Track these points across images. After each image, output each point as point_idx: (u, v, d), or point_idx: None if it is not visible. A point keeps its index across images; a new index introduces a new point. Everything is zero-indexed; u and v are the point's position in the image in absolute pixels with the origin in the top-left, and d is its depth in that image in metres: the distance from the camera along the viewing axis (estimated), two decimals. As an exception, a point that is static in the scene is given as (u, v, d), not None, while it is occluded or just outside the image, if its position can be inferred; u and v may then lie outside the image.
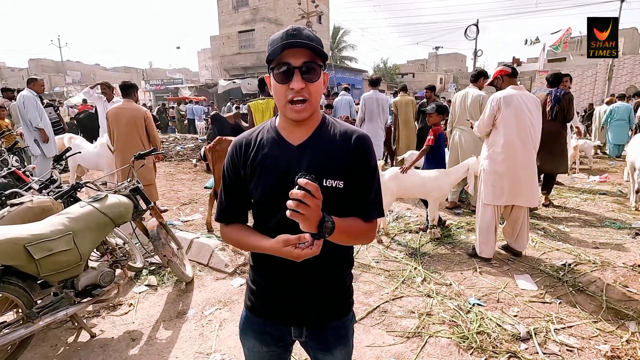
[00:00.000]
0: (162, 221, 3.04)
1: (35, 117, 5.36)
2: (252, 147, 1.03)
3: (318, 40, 0.95)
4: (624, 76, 18.81)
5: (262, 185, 1.00)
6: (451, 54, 45.56)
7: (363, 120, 6.07)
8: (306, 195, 0.79)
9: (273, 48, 0.92)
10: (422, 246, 3.75)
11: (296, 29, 0.93)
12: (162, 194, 5.51)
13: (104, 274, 2.36)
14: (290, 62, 0.92)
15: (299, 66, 0.92)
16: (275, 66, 0.94)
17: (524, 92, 3.25)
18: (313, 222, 0.83)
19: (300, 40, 0.91)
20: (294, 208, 0.79)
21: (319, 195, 0.81)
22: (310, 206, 0.79)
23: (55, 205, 2.44)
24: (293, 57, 0.92)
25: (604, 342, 2.25)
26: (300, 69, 0.92)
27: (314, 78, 0.94)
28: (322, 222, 0.85)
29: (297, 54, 0.92)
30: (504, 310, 2.61)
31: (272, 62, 0.94)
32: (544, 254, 3.51)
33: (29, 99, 5.32)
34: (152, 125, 4.43)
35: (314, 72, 0.94)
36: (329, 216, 0.87)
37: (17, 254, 1.90)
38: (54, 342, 2.38)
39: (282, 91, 0.94)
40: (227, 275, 3.21)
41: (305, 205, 0.79)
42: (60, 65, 41.95)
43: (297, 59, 0.92)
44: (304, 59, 0.92)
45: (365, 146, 1.02)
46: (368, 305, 2.69)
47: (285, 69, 0.92)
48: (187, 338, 2.41)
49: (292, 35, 0.92)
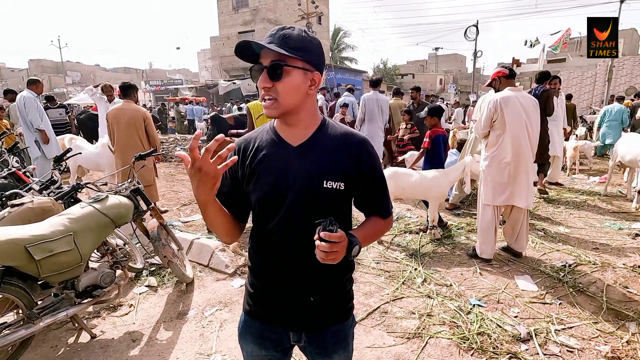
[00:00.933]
0: (162, 222, 3.04)
1: (36, 118, 5.35)
2: (251, 149, 1.03)
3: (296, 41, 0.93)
4: (624, 77, 18.80)
5: (262, 185, 1.00)
6: (451, 55, 45.64)
7: (363, 120, 6.07)
8: (332, 245, 0.85)
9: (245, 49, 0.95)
10: (423, 247, 3.75)
11: (276, 29, 0.95)
12: (162, 194, 5.51)
13: (104, 275, 2.35)
14: (262, 62, 0.95)
15: (267, 65, 0.94)
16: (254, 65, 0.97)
17: (522, 93, 3.26)
18: (342, 254, 0.90)
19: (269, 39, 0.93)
20: (324, 258, 0.86)
21: (343, 239, 0.87)
22: (338, 250, 0.87)
23: (56, 206, 2.44)
24: (264, 57, 0.95)
25: (605, 343, 2.25)
26: (267, 68, 0.93)
27: (280, 77, 0.93)
28: (350, 249, 0.91)
29: (268, 54, 0.94)
30: (504, 311, 2.61)
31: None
32: (544, 255, 3.51)
33: (30, 100, 5.32)
34: (152, 126, 4.44)
35: (280, 71, 0.93)
36: (354, 238, 0.93)
37: (17, 254, 1.90)
38: (55, 342, 2.38)
39: (260, 89, 0.97)
40: (227, 276, 3.21)
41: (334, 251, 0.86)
42: (60, 66, 41.94)
43: (266, 58, 0.94)
44: (271, 58, 0.93)
45: (367, 149, 1.03)
46: (368, 306, 2.69)
47: (257, 67, 0.96)
48: (188, 339, 2.41)
49: (269, 35, 0.95)
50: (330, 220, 0.85)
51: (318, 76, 0.99)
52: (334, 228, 0.85)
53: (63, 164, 3.21)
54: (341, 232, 0.87)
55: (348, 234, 0.92)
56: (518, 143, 3.17)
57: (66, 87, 33.58)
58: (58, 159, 3.16)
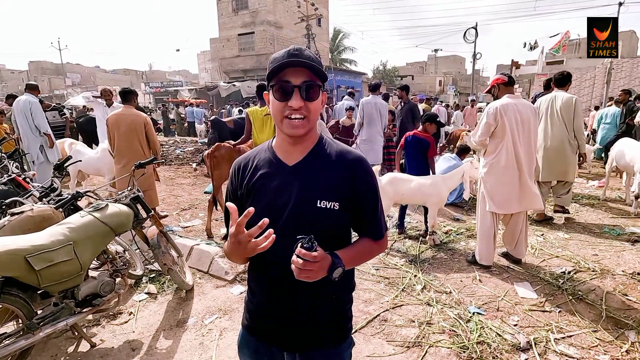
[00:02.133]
0: (162, 229, 3.04)
1: (44, 123, 5.38)
2: (249, 169, 1.05)
3: (318, 61, 0.97)
4: (622, 79, 18.83)
5: (257, 204, 0.99)
6: (450, 57, 45.74)
7: (361, 125, 6.07)
8: (306, 263, 0.85)
9: (274, 66, 0.93)
10: (422, 253, 3.76)
11: (297, 49, 0.95)
12: (162, 199, 5.50)
13: (104, 284, 2.35)
14: (291, 81, 0.94)
15: (299, 85, 0.93)
16: (276, 84, 0.95)
17: (520, 100, 3.27)
18: (321, 274, 0.90)
19: (301, 60, 0.92)
20: (298, 275, 0.87)
21: (319, 258, 0.87)
22: (313, 269, 0.87)
23: (56, 215, 2.44)
24: (293, 76, 0.93)
25: (604, 352, 2.25)
26: (299, 87, 0.93)
27: (313, 97, 0.95)
28: (332, 270, 0.91)
29: (298, 73, 0.93)
30: (503, 319, 2.61)
31: (273, 80, 0.96)
32: (544, 261, 3.51)
33: (36, 105, 5.34)
34: (152, 131, 4.44)
35: (313, 91, 0.95)
36: (337, 260, 0.93)
37: (17, 265, 1.91)
38: (54, 352, 2.38)
39: (280, 108, 0.95)
40: (227, 283, 3.21)
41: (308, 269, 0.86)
42: (60, 68, 41.96)
43: (297, 78, 0.93)
44: (304, 78, 0.94)
45: (363, 168, 1.03)
46: (368, 313, 2.69)
47: (285, 87, 0.94)
48: (188, 348, 2.41)
49: (294, 55, 0.94)
50: (310, 238, 0.86)
51: (325, 94, 1.02)
52: (313, 246, 0.85)
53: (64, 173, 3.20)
54: (320, 252, 0.87)
55: (333, 255, 0.92)
56: (517, 150, 3.17)
57: (66, 88, 33.55)
58: (58, 167, 3.16)
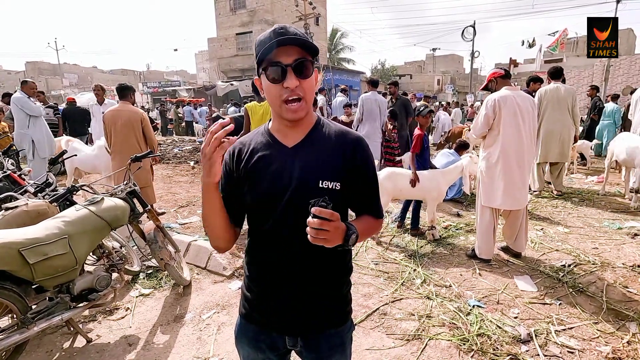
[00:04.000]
0: (159, 224, 3.01)
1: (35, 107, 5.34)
2: (245, 152, 1.02)
3: (305, 36, 0.94)
4: (620, 77, 18.87)
5: (257, 187, 0.99)
6: (448, 55, 45.72)
7: (361, 120, 6.05)
8: (323, 223, 0.81)
9: (263, 48, 0.91)
10: (421, 247, 3.74)
11: (282, 27, 0.92)
12: (160, 196, 5.47)
13: (100, 278, 2.33)
14: (282, 61, 0.91)
15: (291, 64, 0.91)
16: (267, 66, 0.92)
17: (519, 92, 3.25)
18: (337, 240, 0.85)
19: (289, 37, 0.90)
20: (314, 236, 0.82)
21: (336, 217, 0.83)
22: (329, 230, 0.82)
23: (51, 209, 2.42)
24: (284, 56, 0.91)
25: (605, 344, 2.23)
26: (292, 66, 0.91)
27: (307, 74, 0.93)
28: (347, 235, 0.88)
29: (289, 52, 0.91)
30: (504, 311, 2.59)
31: (263, 63, 0.93)
32: (544, 255, 3.50)
33: (23, 100, 5.30)
34: (149, 127, 4.41)
35: (307, 68, 0.92)
36: (352, 227, 0.90)
37: (11, 258, 1.88)
38: (49, 347, 2.35)
39: (275, 91, 0.93)
40: (225, 278, 3.18)
41: (325, 230, 0.81)
42: (57, 68, 41.81)
43: (289, 56, 0.91)
44: (296, 56, 0.91)
45: (362, 147, 1.02)
46: (367, 307, 2.67)
47: (278, 68, 0.91)
48: (185, 342, 2.38)
49: (281, 34, 0.91)
50: (324, 198, 0.82)
51: (316, 71, 0.98)
52: (328, 206, 0.82)
53: (58, 166, 3.18)
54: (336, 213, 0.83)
55: (346, 223, 0.90)
56: (516, 143, 3.15)
57: (63, 89, 33.43)
58: (53, 161, 3.13)
